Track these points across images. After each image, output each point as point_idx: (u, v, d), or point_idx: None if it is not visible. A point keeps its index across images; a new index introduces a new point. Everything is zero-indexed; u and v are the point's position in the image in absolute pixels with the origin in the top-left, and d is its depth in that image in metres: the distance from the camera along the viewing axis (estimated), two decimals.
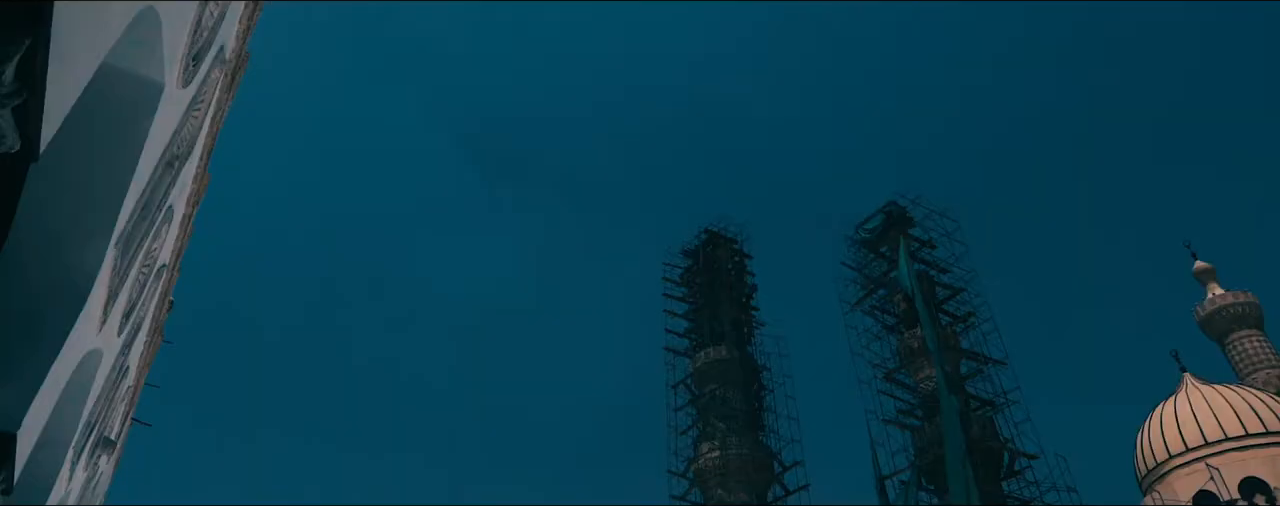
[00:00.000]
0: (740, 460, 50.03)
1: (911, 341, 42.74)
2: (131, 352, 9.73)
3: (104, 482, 15.90)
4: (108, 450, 10.93)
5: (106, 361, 7.43)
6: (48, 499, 7.16)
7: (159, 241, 7.94)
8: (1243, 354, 47.60)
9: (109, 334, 6.84)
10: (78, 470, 8.91)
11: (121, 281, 6.17)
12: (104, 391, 8.51)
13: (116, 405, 10.77)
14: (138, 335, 9.53)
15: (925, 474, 38.89)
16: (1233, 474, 34.20)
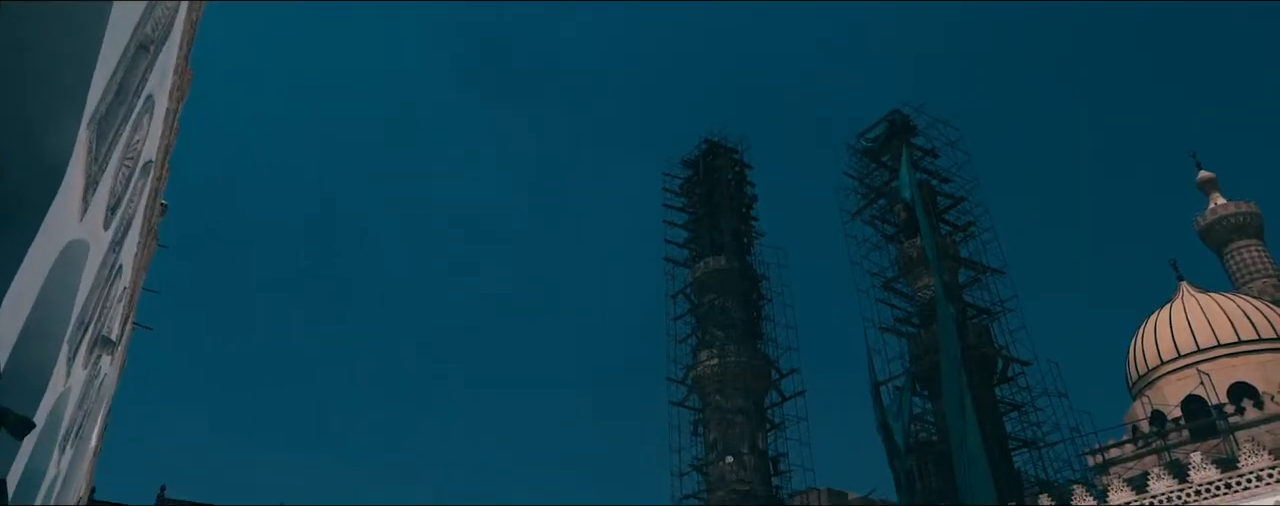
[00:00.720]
0: (738, 367, 50.92)
1: (910, 251, 42.85)
2: (123, 251, 9.60)
3: (110, 384, 16.09)
4: (108, 349, 10.95)
5: (94, 255, 7.30)
6: (44, 391, 7.16)
7: (140, 133, 7.71)
8: (1240, 263, 47.73)
9: (93, 225, 6.69)
10: (76, 367, 8.91)
11: (100, 168, 5.98)
12: (96, 288, 8.43)
13: (113, 305, 10.73)
14: (128, 233, 9.40)
15: (920, 380, 39.63)
16: (1223, 379, 34.83)
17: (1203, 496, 24.42)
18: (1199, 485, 24.60)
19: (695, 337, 54.50)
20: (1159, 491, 25.48)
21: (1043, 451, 36.52)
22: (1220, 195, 51.60)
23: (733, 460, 48.18)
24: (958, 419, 33.01)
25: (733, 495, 46.80)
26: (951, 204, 44.54)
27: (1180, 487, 25.03)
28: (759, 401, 51.22)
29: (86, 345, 9.25)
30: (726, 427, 49.54)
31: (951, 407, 33.66)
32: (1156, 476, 26.03)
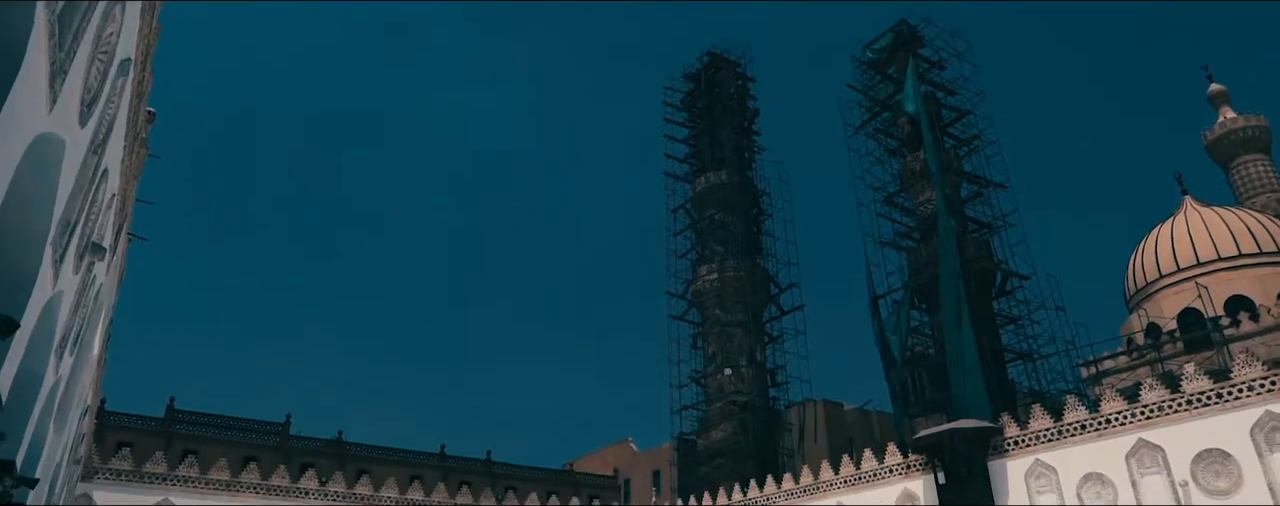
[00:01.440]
0: (738, 282, 51.15)
1: (913, 164, 42.37)
2: (106, 154, 9.34)
3: (108, 294, 16.06)
4: (99, 256, 10.81)
5: (72, 154, 7.06)
6: (30, 293, 7.03)
7: (113, 26, 7.34)
8: (1245, 178, 47.38)
9: (66, 120, 6.42)
10: (66, 271, 8.77)
11: (67, 57, 5.68)
12: (79, 190, 8.21)
13: (102, 210, 10.53)
14: (110, 135, 9.11)
15: (918, 293, 39.78)
16: (1220, 292, 34.99)
17: (1194, 406, 24.77)
18: (1191, 395, 24.92)
19: (695, 252, 54.61)
20: (1150, 401, 25.83)
21: (1037, 363, 36.99)
22: (1230, 109, 50.80)
23: (731, 372, 48.91)
24: (954, 331, 33.26)
25: (731, 406, 47.72)
26: (956, 117, 43.77)
27: (1172, 397, 25.37)
28: (757, 315, 51.67)
29: (75, 249, 9.09)
30: (725, 341, 50.11)
31: (949, 320, 33.87)
32: (1149, 387, 26.35)
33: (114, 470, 32.15)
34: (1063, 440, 27.73)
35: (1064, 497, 27.15)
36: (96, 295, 13.69)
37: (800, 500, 36.28)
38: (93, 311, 13.88)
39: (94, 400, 23.85)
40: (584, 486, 55.51)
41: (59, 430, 13.23)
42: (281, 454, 45.35)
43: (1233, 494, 23.26)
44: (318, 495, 35.73)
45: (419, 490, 38.63)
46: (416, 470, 48.95)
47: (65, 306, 9.73)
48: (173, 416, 44.50)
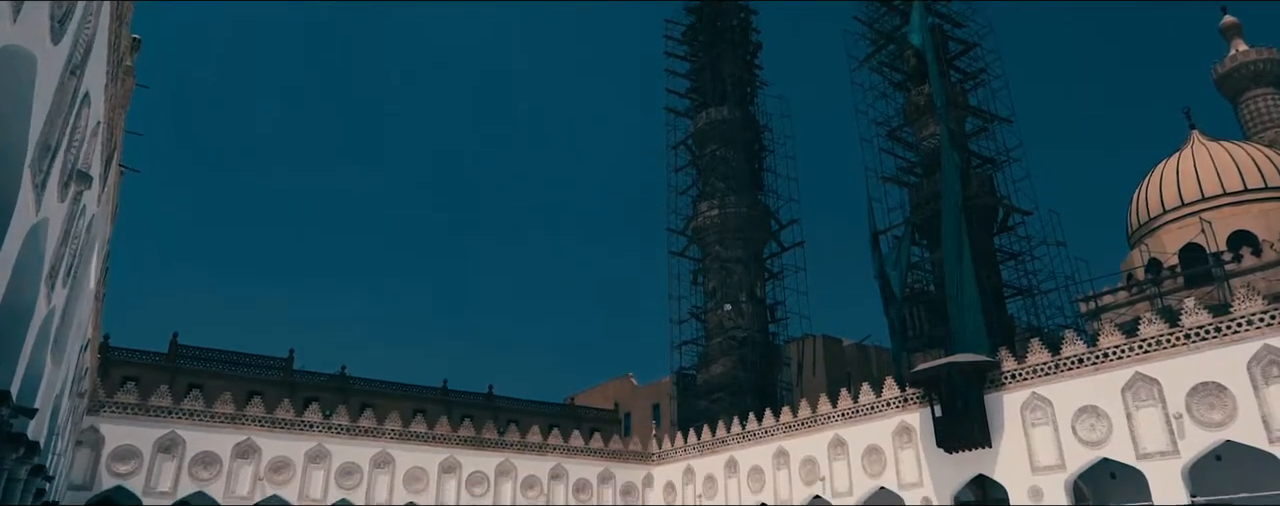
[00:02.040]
0: (738, 218, 51.00)
1: (918, 98, 41.73)
2: (86, 77, 9.03)
3: (101, 226, 15.87)
4: (85, 184, 10.59)
5: (46, 72, 6.78)
6: (9, 217, 6.84)
7: None
8: (1254, 113, 46.69)
9: (35, 35, 6.13)
10: (48, 198, 8.56)
11: None
12: (58, 112, 7.95)
13: (86, 137, 10.26)
14: (88, 57, 8.79)
15: (919, 229, 39.63)
16: (1224, 227, 34.76)
17: (1192, 340, 24.84)
18: (1189, 329, 24.96)
19: (696, 188, 54.33)
20: (1149, 335, 25.90)
21: (1036, 299, 37.09)
22: (1243, 42, 49.76)
23: (731, 308, 49.14)
24: (955, 267, 33.20)
25: (730, 341, 48.07)
26: (963, 50, 42.93)
27: (1170, 331, 25.42)
28: (758, 251, 51.67)
29: (58, 176, 8.86)
30: (725, 277, 50.21)
31: (949, 256, 33.77)
32: (1147, 321, 26.38)
33: (120, 403, 32.53)
34: (1059, 374, 27.93)
35: (1059, 430, 27.49)
36: (88, 226, 13.51)
37: (798, 433, 36.80)
38: (85, 244, 13.71)
39: (95, 335, 23.93)
40: (584, 419, 56.36)
41: (57, 362, 13.22)
42: (285, 388, 45.92)
43: (1226, 426, 23.50)
44: (321, 428, 36.24)
45: (422, 423, 39.18)
46: (419, 404, 49.67)
47: (52, 235, 9.55)
48: (176, 351, 44.90)
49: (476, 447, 39.54)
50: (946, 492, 30.40)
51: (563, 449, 41.97)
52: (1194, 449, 24.12)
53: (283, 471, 34.66)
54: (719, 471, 40.33)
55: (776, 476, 37.16)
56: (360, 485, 36.05)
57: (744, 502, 38.48)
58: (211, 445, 33.60)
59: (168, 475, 32.43)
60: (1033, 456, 28.00)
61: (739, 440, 39.76)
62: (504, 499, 39.32)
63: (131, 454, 32.04)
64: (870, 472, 33.17)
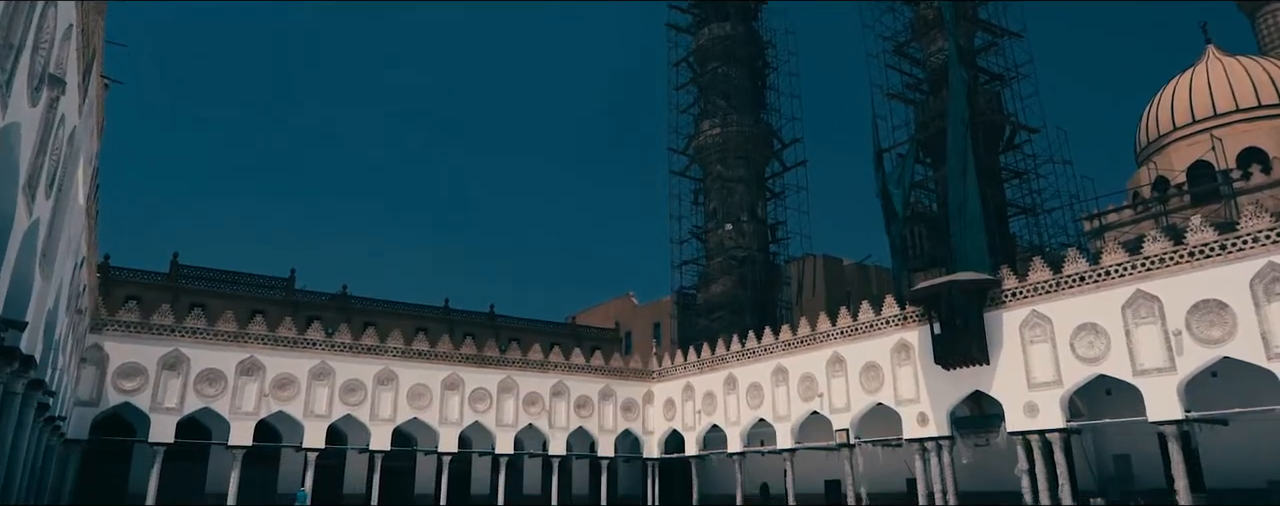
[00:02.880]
0: (740, 137, 50.28)
1: (926, 12, 40.53)
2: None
3: (86, 140, 15.46)
4: (57, 89, 10.16)
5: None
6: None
7: None
8: (1273, 27, 45.30)
9: None
10: (16, 101, 8.17)
11: None
12: (19, 10, 7.49)
13: (55, 40, 9.79)
14: None
15: (923, 147, 39.04)
16: (1235, 144, 34.13)
17: (1196, 258, 24.65)
18: (1194, 246, 24.73)
19: (697, 107, 53.40)
20: (1152, 253, 25.70)
21: (1040, 217, 36.79)
22: None
23: (732, 227, 48.96)
24: (959, 184, 32.75)
25: (730, 261, 48.05)
26: None
27: (1174, 249, 25.20)
28: (759, 171, 51.15)
29: (26, 78, 8.45)
30: (726, 196, 49.85)
31: (954, 173, 33.28)
32: (1151, 239, 26.13)
33: (122, 322, 32.66)
34: (1060, 291, 27.86)
35: (1057, 347, 27.60)
36: (70, 138, 13.12)
37: (797, 351, 37.09)
38: (68, 156, 13.35)
39: (91, 252, 23.76)
40: (586, 338, 56.87)
41: (47, 276, 13.05)
42: (287, 307, 46.13)
43: (1225, 343, 23.53)
44: (324, 345, 36.52)
45: (424, 341, 39.48)
46: (421, 322, 50.00)
47: (26, 142, 9.20)
48: (178, 271, 44.92)
49: (478, 365, 39.97)
50: (942, 408, 30.79)
51: (564, 366, 42.44)
52: (1191, 365, 24.23)
53: (287, 388, 35.09)
54: (718, 388, 40.86)
55: (775, 393, 37.64)
56: (364, 401, 36.56)
57: (743, 418, 39.12)
58: (215, 362, 33.91)
59: (173, 391, 32.84)
60: (1030, 373, 28.20)
61: (738, 358, 40.13)
62: (506, 415, 39.97)
63: (136, 371, 32.36)
64: (868, 389, 33.55)
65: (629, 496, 45.84)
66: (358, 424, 36.61)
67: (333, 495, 38.53)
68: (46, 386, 16.40)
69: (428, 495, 39.88)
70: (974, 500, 30.83)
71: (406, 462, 40.40)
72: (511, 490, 40.80)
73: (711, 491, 43.50)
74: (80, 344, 28.23)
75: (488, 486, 40.98)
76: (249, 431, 33.89)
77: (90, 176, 18.26)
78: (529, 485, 43.15)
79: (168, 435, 32.35)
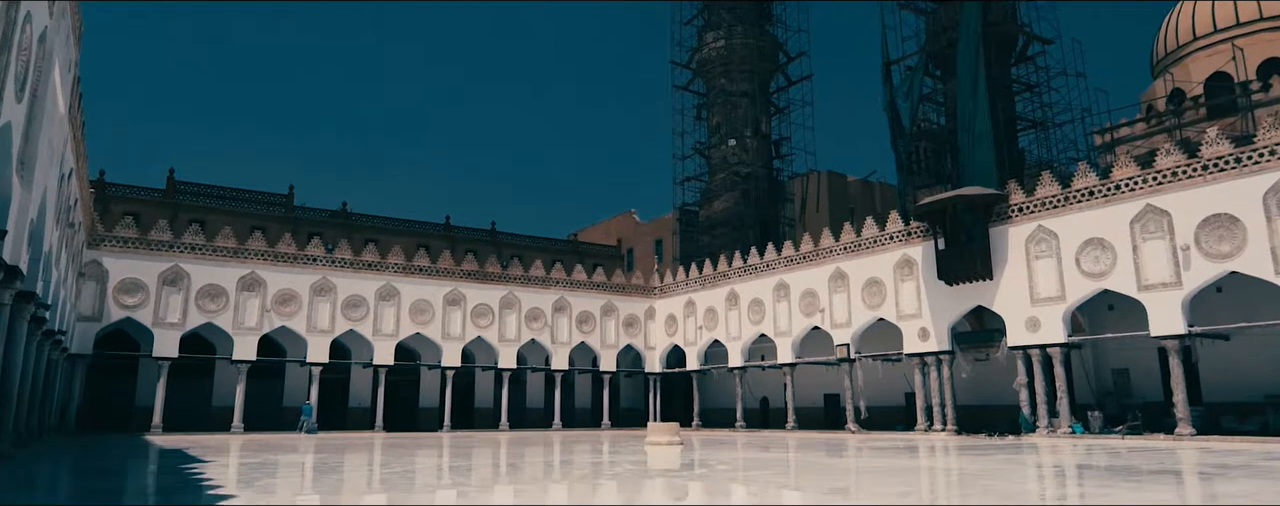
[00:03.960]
0: (745, 49, 48.94)
1: None
2: None
3: (61, 45, 14.81)
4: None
5: None
6: None
7: None
8: None
9: None
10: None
11: None
12: None
13: None
14: None
15: (933, 59, 37.94)
16: (1256, 54, 33.00)
17: (1209, 171, 24.09)
18: (1208, 159, 24.14)
19: (701, 19, 51.81)
20: (1164, 166, 25.12)
21: (1050, 131, 36.03)
22: None
23: (735, 143, 48.19)
24: (969, 97, 31.92)
25: (733, 177, 47.47)
26: None
27: (1187, 162, 24.62)
28: (764, 85, 49.99)
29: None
30: (730, 111, 48.87)
31: (964, 86, 32.39)
32: (1165, 152, 25.51)
33: (120, 237, 32.44)
34: (1068, 206, 27.42)
35: (1062, 262, 27.34)
36: (41, 38, 12.49)
37: (800, 266, 36.92)
38: (40, 58, 12.76)
39: (81, 165, 23.27)
40: (587, 255, 56.77)
41: (27, 185, 12.65)
42: (287, 224, 45.85)
43: (1234, 257, 23.22)
44: (325, 261, 36.39)
45: (425, 258, 39.35)
46: (423, 239, 49.82)
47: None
48: (175, 187, 44.46)
49: (480, 281, 39.94)
50: (944, 324, 30.78)
51: (566, 282, 42.43)
52: (1198, 280, 23.99)
53: (289, 303, 35.13)
54: (720, 304, 40.92)
55: (776, 308, 37.68)
56: (367, 316, 36.68)
57: (744, 333, 39.29)
58: (216, 278, 33.86)
59: (175, 307, 32.88)
60: (1033, 288, 28.04)
61: (740, 274, 40.04)
62: (508, 330, 40.17)
63: (137, 287, 32.32)
64: (869, 304, 33.51)
65: (631, 410, 46.58)
66: (361, 339, 36.81)
67: (338, 408, 39.13)
68: (39, 299, 16.21)
69: (432, 408, 40.51)
70: (971, 413, 31.17)
71: (410, 377, 40.87)
72: (515, 404, 41.42)
73: (712, 405, 44.15)
74: (77, 259, 28.05)
75: (491, 400, 41.59)
76: (253, 346, 34.09)
77: (71, 84, 17.64)
78: (532, 399, 43.78)
79: (171, 350, 32.56)
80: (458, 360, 38.61)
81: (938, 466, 14.64)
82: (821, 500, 9.05)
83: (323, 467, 14.55)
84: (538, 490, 10.62)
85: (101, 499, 9.51)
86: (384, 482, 11.66)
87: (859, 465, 15.09)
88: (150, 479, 12.76)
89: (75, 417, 31.08)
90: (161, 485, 11.58)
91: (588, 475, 12.89)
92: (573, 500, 9.20)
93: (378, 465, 15.20)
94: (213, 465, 14.50)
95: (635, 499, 9.47)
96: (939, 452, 18.95)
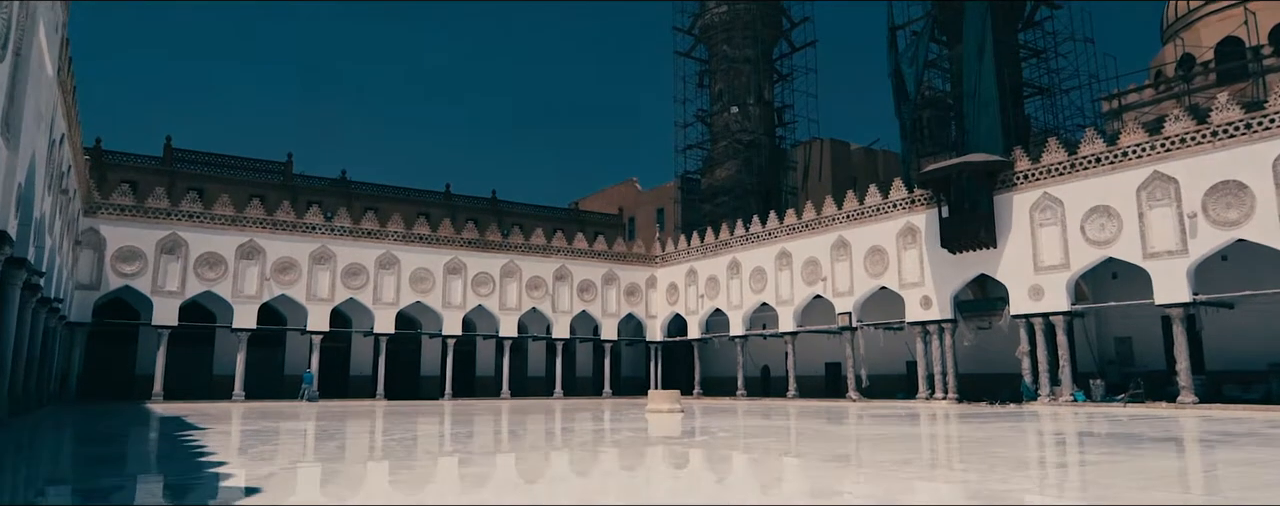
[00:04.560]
0: (748, 14, 48.25)
1: None
2: None
3: (43, 4, 14.44)
4: None
5: None
6: None
7: None
8: None
9: None
10: None
11: None
12: None
13: None
14: None
15: (939, 24, 37.25)
16: (1269, 18, 32.33)
17: (1219, 138, 23.72)
18: (1217, 126, 23.76)
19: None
20: (1173, 133, 24.75)
21: (1057, 98, 35.53)
22: None
23: (737, 110, 47.70)
24: (975, 63, 31.41)
25: (736, 145, 47.04)
26: None
27: (1196, 128, 24.23)
28: (767, 51, 49.34)
29: None
30: (733, 78, 48.31)
31: (970, 51, 31.86)
32: (1173, 118, 25.12)
33: (116, 205, 32.20)
34: (1074, 173, 27.08)
35: (1067, 229, 27.08)
36: None
37: (802, 235, 36.68)
38: (23, 18, 12.42)
39: (73, 130, 22.92)
40: (588, 224, 56.51)
41: (13, 148, 12.39)
42: (286, 192, 45.58)
43: (1241, 224, 22.95)
44: (324, 229, 36.18)
45: (425, 226, 39.13)
46: (422, 208, 49.55)
47: None
48: (172, 155, 44.12)
49: (481, 249, 39.75)
50: (946, 292, 30.61)
51: (567, 251, 42.24)
52: (1204, 247, 23.75)
53: (288, 272, 34.98)
54: (722, 272, 40.74)
55: (778, 277, 37.51)
56: (366, 285, 36.55)
57: (745, 302, 39.16)
58: (214, 246, 33.68)
59: (174, 275, 32.74)
60: (1037, 256, 27.82)
61: (742, 242, 39.81)
62: (509, 299, 40.06)
63: (135, 255, 32.16)
64: (872, 273, 33.32)
65: (632, 378, 46.64)
66: (361, 307, 36.71)
67: (339, 376, 39.17)
68: (31, 265, 16.02)
69: (434, 376, 40.55)
70: (973, 382, 31.11)
71: (411, 345, 40.86)
72: (516, 372, 41.44)
73: (713, 374, 44.17)
74: (73, 226, 27.83)
75: (492, 368, 41.61)
76: (252, 315, 34.00)
77: (59, 45, 17.28)
78: (533, 367, 43.82)
79: (171, 318, 32.47)
80: (459, 329, 38.55)
81: (938, 433, 14.54)
82: (823, 467, 8.92)
83: (323, 435, 14.46)
84: (539, 457, 10.50)
85: (92, 467, 9.40)
86: (386, 450, 11.55)
87: (860, 432, 14.99)
88: (142, 447, 12.66)
89: (76, 386, 31.10)
90: (155, 453, 11.48)
91: (589, 442, 12.80)
92: (574, 469, 9.07)
93: (380, 432, 15.12)
94: (210, 432, 14.41)
95: (636, 467, 9.35)
96: (940, 420, 18.89)
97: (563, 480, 7.99)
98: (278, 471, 8.39)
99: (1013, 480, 7.48)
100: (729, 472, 8.61)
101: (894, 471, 8.31)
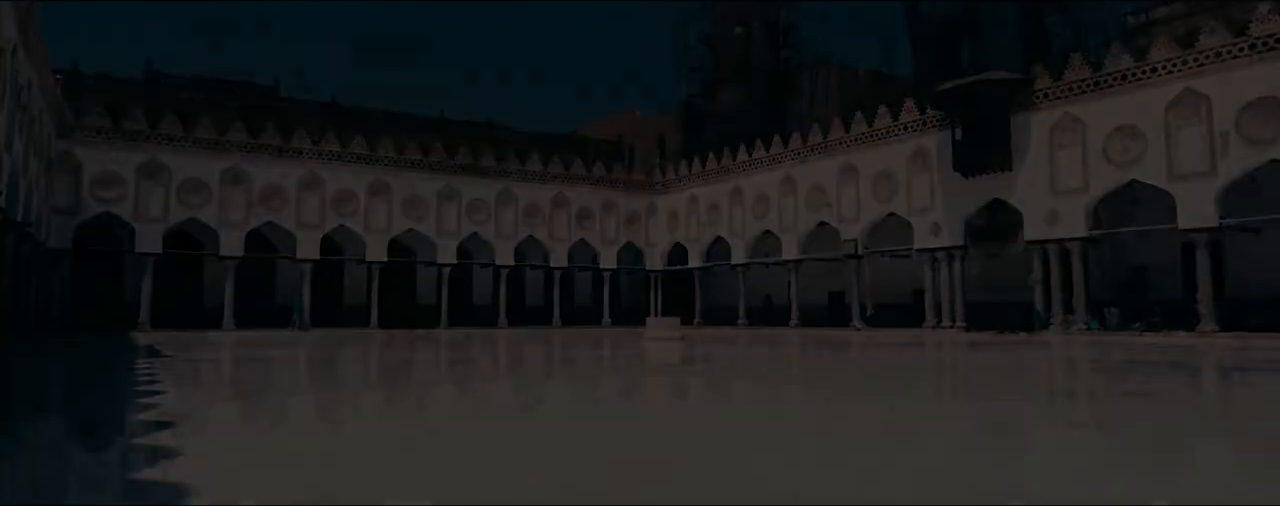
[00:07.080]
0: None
1: None
2: None
3: None
4: None
5: None
6: None
7: None
8: None
9: None
10: None
11: None
12: None
13: None
14: None
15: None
16: None
17: (1258, 50, 22.14)
18: (1256, 38, 22.17)
19: None
20: (1208, 47, 23.14)
21: (1079, 14, 33.58)
22: None
23: (742, 31, 45.71)
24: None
25: (740, 68, 45.20)
26: None
27: (1234, 42, 22.65)
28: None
29: None
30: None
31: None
32: (1209, 31, 23.48)
33: (93, 127, 30.86)
34: (1098, 91, 25.56)
35: (1087, 151, 25.71)
36: None
37: (808, 160, 35.32)
38: None
39: (32, 41, 21.40)
40: (587, 151, 54.93)
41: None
42: (272, 117, 43.96)
43: (1277, 143, 21.58)
44: (312, 154, 34.88)
45: (416, 150, 37.78)
46: (415, 134, 47.95)
47: None
48: (154, 78, 42.42)
49: (475, 175, 38.48)
50: (957, 218, 29.43)
51: (564, 177, 40.95)
52: (1235, 168, 22.42)
53: (275, 198, 33.83)
54: (724, 200, 39.50)
55: (782, 204, 36.29)
56: (357, 211, 35.43)
57: (748, 230, 38.05)
58: (197, 171, 32.44)
59: (156, 201, 31.60)
60: (1055, 179, 26.51)
61: (745, 168, 38.43)
62: (505, 226, 38.97)
63: (114, 180, 30.95)
64: (879, 199, 32.09)
65: (632, 308, 45.87)
66: (352, 234, 35.68)
67: (332, 305, 38.35)
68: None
69: (429, 306, 39.73)
70: (981, 310, 30.17)
71: (406, 273, 39.96)
72: (513, 301, 40.61)
73: (714, 303, 43.31)
74: (45, 149, 26.54)
75: (489, 297, 40.75)
76: (239, 242, 32.99)
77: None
78: (531, 296, 43.00)
79: (155, 246, 31.48)
80: (454, 257, 37.58)
81: (945, 360, 13.61)
82: (831, 396, 7.92)
83: (285, 365, 13.54)
84: (536, 385, 9.54)
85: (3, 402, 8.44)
86: (381, 377, 10.61)
87: (866, 359, 14.05)
88: (86, 376, 11.73)
89: (65, 315, 30.28)
90: (93, 384, 10.54)
91: (588, 370, 11.86)
92: (575, 398, 8.09)
93: (354, 360, 14.22)
94: (174, 361, 13.49)
95: (631, 397, 8.36)
96: (948, 347, 17.98)
97: (530, 410, 7.00)
98: (212, 403, 7.41)
99: (1071, 411, 6.46)
100: (731, 399, 7.63)
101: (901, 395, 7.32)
